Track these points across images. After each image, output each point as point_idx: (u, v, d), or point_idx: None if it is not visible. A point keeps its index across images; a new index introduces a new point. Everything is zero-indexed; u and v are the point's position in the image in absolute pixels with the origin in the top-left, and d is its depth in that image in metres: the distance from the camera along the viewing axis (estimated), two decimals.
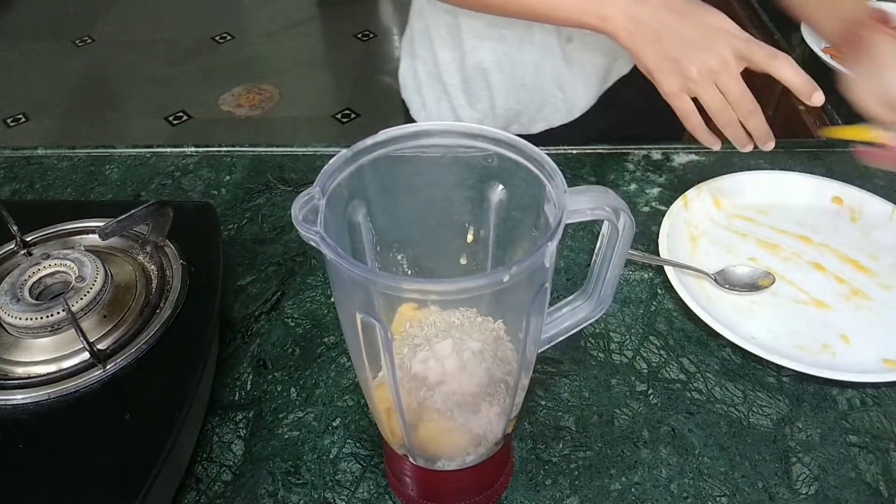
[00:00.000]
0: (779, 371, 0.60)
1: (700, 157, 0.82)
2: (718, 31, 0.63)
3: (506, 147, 0.41)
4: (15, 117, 2.63)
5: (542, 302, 0.40)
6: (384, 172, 0.42)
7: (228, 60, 2.92)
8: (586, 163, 0.82)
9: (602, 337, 0.63)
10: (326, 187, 0.39)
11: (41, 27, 3.20)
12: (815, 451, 0.54)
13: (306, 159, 0.84)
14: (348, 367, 0.61)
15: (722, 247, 0.71)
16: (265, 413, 0.58)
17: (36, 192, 0.80)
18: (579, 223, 0.59)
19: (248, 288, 0.69)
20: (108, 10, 3.29)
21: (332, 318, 0.65)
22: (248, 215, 0.77)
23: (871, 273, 0.69)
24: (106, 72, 2.89)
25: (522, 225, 0.44)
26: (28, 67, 2.92)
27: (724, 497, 0.52)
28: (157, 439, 0.47)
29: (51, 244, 0.62)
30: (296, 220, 0.37)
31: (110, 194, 0.80)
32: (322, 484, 0.53)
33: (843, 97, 0.65)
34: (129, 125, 2.60)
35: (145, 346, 0.53)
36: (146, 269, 0.60)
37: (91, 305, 0.54)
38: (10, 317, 0.53)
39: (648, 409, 0.57)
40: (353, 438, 0.56)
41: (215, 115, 2.62)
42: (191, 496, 0.53)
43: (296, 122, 2.58)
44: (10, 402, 0.49)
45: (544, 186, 0.40)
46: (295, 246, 0.73)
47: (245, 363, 0.62)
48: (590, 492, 0.52)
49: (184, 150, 0.86)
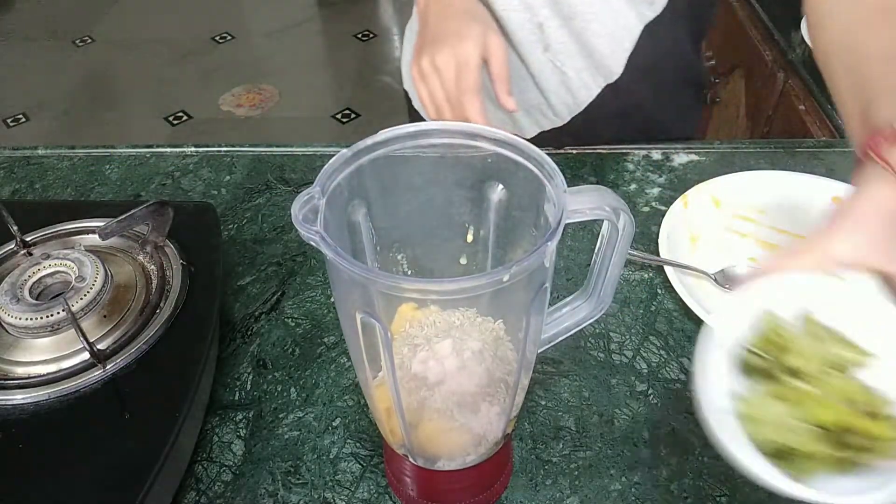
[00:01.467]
0: None
1: (700, 157, 0.82)
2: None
3: (506, 147, 0.41)
4: (15, 117, 2.63)
5: (542, 302, 0.40)
6: (384, 172, 0.42)
7: (228, 60, 2.92)
8: (586, 163, 0.82)
9: (602, 337, 0.63)
10: (326, 187, 0.39)
11: (41, 27, 3.20)
12: None
13: (306, 159, 0.84)
14: (348, 367, 0.61)
15: (722, 247, 0.71)
16: (265, 413, 0.58)
17: (36, 192, 0.80)
18: (579, 223, 0.59)
19: (248, 288, 0.69)
20: (108, 10, 3.29)
21: (332, 318, 0.65)
22: (248, 215, 0.77)
23: None
24: (106, 72, 2.89)
25: (522, 225, 0.44)
26: (28, 67, 2.92)
27: (724, 497, 0.52)
28: (157, 439, 0.47)
29: (51, 244, 0.62)
30: (296, 219, 0.37)
31: (110, 194, 0.80)
32: (322, 484, 0.53)
33: None
34: (129, 125, 2.60)
35: (145, 346, 0.53)
36: (146, 269, 0.60)
37: (91, 305, 0.54)
38: (10, 317, 0.53)
39: (648, 409, 0.57)
40: (353, 438, 0.56)
41: (215, 115, 2.62)
42: (191, 496, 0.53)
43: (296, 122, 2.58)
44: (10, 402, 0.49)
45: (544, 186, 0.40)
46: (295, 246, 0.73)
47: (245, 363, 0.62)
48: (590, 492, 0.52)
49: (184, 150, 0.86)
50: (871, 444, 0.40)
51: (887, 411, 0.41)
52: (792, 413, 0.41)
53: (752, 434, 0.40)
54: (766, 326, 0.44)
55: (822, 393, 0.41)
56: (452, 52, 0.65)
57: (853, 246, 0.44)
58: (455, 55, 0.65)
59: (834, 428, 0.40)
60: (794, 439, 0.40)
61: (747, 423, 0.41)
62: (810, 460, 0.40)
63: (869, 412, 0.41)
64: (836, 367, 0.42)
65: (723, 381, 0.42)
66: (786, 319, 0.44)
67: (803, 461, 0.40)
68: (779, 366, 0.43)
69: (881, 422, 0.40)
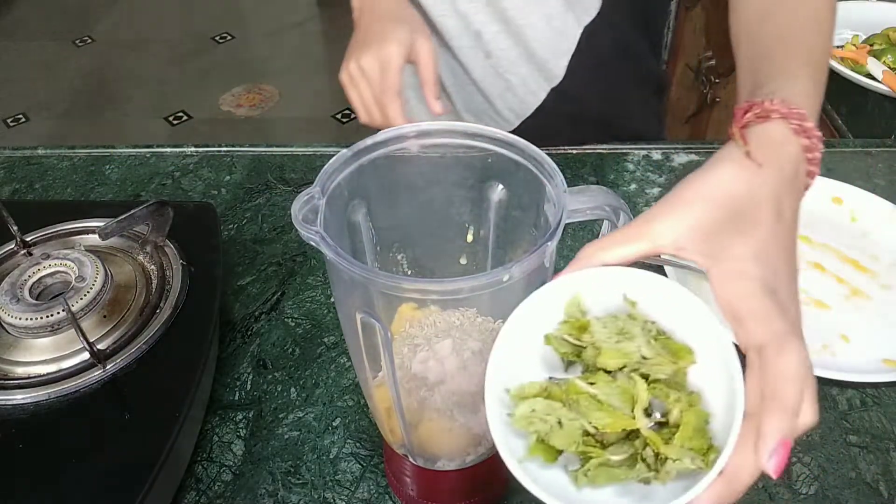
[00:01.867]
0: None
1: (700, 157, 0.82)
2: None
3: (506, 147, 0.41)
4: (15, 117, 2.63)
5: None
6: (384, 172, 0.42)
7: (228, 60, 2.92)
8: (586, 163, 0.82)
9: None
10: (326, 187, 0.39)
11: (41, 27, 3.20)
12: (814, 451, 0.54)
13: (306, 159, 0.84)
14: (348, 367, 0.61)
15: None
16: (265, 413, 0.58)
17: (36, 192, 0.80)
18: (579, 223, 0.59)
19: (248, 288, 0.69)
20: (108, 10, 3.29)
21: (332, 318, 0.65)
22: (248, 215, 0.77)
23: (871, 273, 0.69)
24: (106, 72, 2.89)
25: (522, 225, 0.44)
26: (28, 67, 2.92)
27: None
28: (157, 439, 0.47)
29: (51, 244, 0.62)
30: (296, 219, 0.37)
31: (110, 194, 0.80)
32: (322, 484, 0.53)
33: (843, 98, 0.64)
34: (129, 125, 2.60)
35: (145, 346, 0.53)
36: (146, 269, 0.60)
37: (91, 305, 0.54)
38: (10, 317, 0.53)
39: None
40: (353, 438, 0.56)
41: (215, 115, 2.62)
42: (191, 496, 0.53)
43: (296, 122, 2.58)
44: (10, 402, 0.49)
45: (544, 186, 0.40)
46: (295, 246, 0.73)
47: (245, 363, 0.62)
48: None
49: (184, 150, 0.86)
50: (651, 460, 0.34)
51: (683, 402, 0.35)
52: (559, 410, 0.35)
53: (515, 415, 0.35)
54: (568, 312, 0.37)
55: (603, 393, 0.35)
56: (376, 56, 0.66)
57: (674, 233, 0.36)
58: (378, 58, 0.66)
59: (608, 430, 0.34)
60: (559, 438, 0.35)
61: (516, 420, 0.35)
62: (586, 458, 0.34)
63: (657, 422, 0.35)
64: (634, 367, 0.36)
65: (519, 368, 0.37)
66: (592, 309, 0.37)
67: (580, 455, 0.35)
68: (572, 355, 0.37)
69: (654, 437, 0.34)
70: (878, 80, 1.03)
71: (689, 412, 0.34)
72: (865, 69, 1.05)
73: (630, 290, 0.37)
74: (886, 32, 1.12)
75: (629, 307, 0.37)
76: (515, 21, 0.76)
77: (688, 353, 0.36)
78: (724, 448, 0.32)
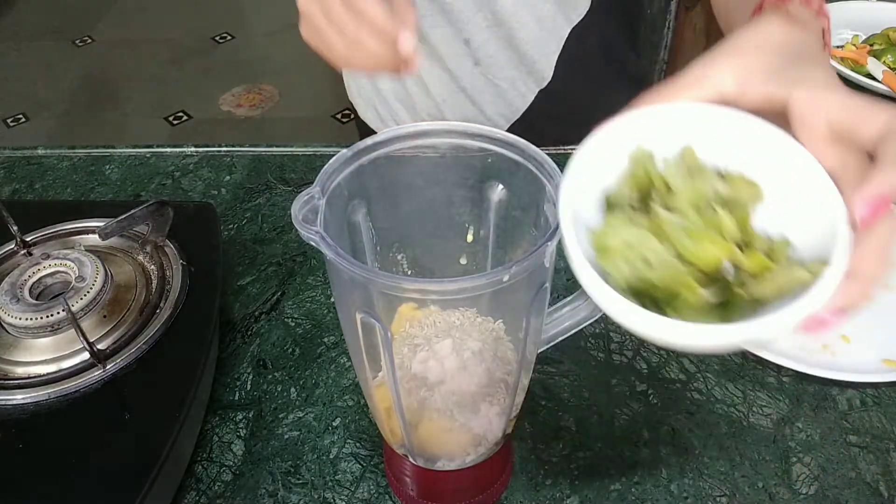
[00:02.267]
0: (779, 371, 0.60)
1: None
2: None
3: (506, 147, 0.42)
4: (15, 117, 2.63)
5: (542, 302, 0.40)
6: (384, 172, 0.42)
7: (228, 60, 2.92)
8: None
9: (602, 337, 0.63)
10: (326, 187, 0.39)
11: (41, 27, 3.19)
12: (815, 451, 0.54)
13: (306, 159, 0.84)
14: (348, 367, 0.61)
15: None
16: (265, 413, 0.58)
17: (36, 192, 0.80)
18: None
19: (248, 288, 0.69)
20: (108, 10, 3.29)
21: (332, 318, 0.65)
22: (248, 215, 0.77)
23: None
24: (106, 72, 2.89)
25: (522, 225, 0.44)
26: (28, 67, 2.92)
27: (724, 497, 0.52)
28: (157, 439, 0.47)
29: (51, 244, 0.62)
30: (296, 220, 0.37)
31: (110, 194, 0.80)
32: (322, 484, 0.53)
33: None
34: (129, 125, 2.60)
35: (145, 346, 0.53)
36: (146, 269, 0.60)
37: (91, 305, 0.54)
38: (10, 317, 0.53)
39: (648, 409, 0.57)
40: (353, 438, 0.56)
41: (215, 115, 2.62)
42: (191, 496, 0.53)
43: (296, 122, 2.58)
44: (10, 402, 0.49)
45: (544, 186, 0.40)
46: (295, 246, 0.73)
47: (245, 363, 0.62)
48: (590, 492, 0.52)
49: (184, 150, 0.86)
50: (746, 281, 0.33)
51: (765, 246, 0.34)
52: (650, 241, 0.34)
53: (607, 270, 0.33)
54: (634, 164, 0.37)
55: (690, 224, 0.34)
56: None
57: (736, 75, 0.36)
58: None
59: (700, 261, 0.33)
60: (653, 273, 0.33)
61: (601, 256, 0.34)
62: (676, 300, 0.33)
63: (745, 244, 0.34)
64: (711, 204, 0.35)
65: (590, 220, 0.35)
66: (659, 157, 0.37)
67: (668, 301, 0.33)
68: (645, 200, 0.36)
69: (755, 254, 0.33)
70: (878, 80, 1.03)
71: (778, 244, 0.34)
72: (865, 69, 1.05)
73: (692, 125, 0.36)
74: (886, 32, 1.12)
75: (693, 145, 0.36)
76: (507, 24, 0.76)
77: (757, 189, 0.35)
78: (834, 252, 0.31)
